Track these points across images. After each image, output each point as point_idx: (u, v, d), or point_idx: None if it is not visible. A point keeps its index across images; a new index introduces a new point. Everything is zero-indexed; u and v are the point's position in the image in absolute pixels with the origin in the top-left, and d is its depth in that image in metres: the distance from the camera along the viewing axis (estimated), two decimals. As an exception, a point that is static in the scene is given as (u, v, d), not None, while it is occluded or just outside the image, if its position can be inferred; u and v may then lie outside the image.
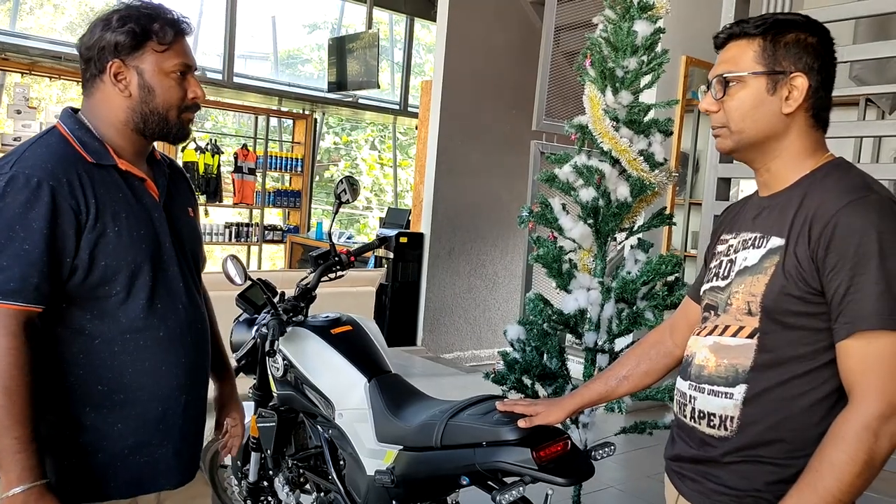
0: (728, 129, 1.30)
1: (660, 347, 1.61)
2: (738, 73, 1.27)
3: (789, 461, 1.22)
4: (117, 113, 1.43)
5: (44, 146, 1.38)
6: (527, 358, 2.69)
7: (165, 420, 1.46)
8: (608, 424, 3.31)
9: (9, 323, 1.27)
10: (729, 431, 1.27)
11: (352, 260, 2.54)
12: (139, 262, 1.40)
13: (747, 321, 1.26)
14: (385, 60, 9.79)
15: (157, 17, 1.42)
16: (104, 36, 1.40)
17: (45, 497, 1.29)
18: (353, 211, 13.57)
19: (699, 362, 1.34)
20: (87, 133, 1.42)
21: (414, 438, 1.91)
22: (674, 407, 1.44)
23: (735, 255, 1.33)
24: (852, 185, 1.22)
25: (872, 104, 5.17)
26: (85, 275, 1.35)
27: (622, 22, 2.63)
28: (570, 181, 2.71)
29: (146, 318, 1.42)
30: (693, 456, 1.35)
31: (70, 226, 1.32)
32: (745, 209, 1.41)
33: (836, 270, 1.16)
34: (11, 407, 1.26)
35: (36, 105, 7.21)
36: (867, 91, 4.76)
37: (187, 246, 1.54)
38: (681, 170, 5.56)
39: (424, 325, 6.68)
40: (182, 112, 1.47)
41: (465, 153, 6.73)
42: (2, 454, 1.26)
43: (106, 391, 1.40)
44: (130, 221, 1.40)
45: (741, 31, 1.29)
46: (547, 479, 1.65)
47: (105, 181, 1.39)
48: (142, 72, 1.41)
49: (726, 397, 1.28)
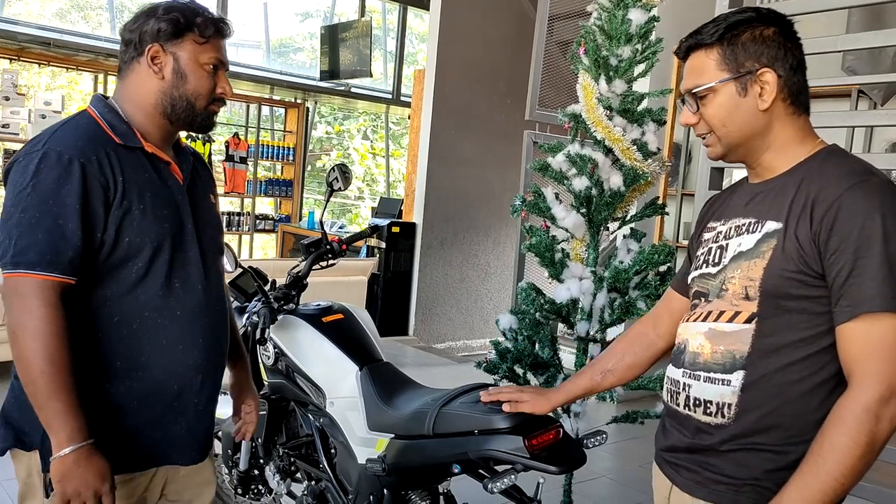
0: (714, 135, 1.32)
1: (643, 339, 1.60)
2: (707, 85, 1.29)
3: (787, 447, 1.22)
4: (148, 95, 1.49)
5: (74, 126, 1.44)
6: (519, 347, 2.69)
7: (181, 398, 1.50)
8: (600, 413, 3.31)
9: (47, 294, 1.32)
10: (726, 419, 1.26)
11: (343, 248, 2.53)
12: (161, 241, 1.45)
13: (745, 306, 1.25)
14: (378, 49, 9.74)
15: (201, 13, 1.50)
16: (148, 21, 1.47)
17: (93, 456, 1.34)
18: (346, 200, 13.54)
19: (693, 349, 1.33)
20: (115, 116, 1.48)
21: (406, 427, 1.91)
22: (664, 396, 1.42)
23: (726, 242, 1.33)
24: (853, 169, 1.22)
25: (865, 95, 5.18)
26: (111, 250, 1.40)
27: (616, 10, 2.62)
28: (563, 170, 2.70)
29: (164, 297, 1.46)
30: (688, 445, 1.33)
31: (100, 202, 1.37)
32: (733, 196, 1.41)
33: (838, 253, 1.16)
34: (56, 373, 1.31)
35: (24, 92, 7.14)
36: (859, 81, 4.77)
37: (208, 230, 1.59)
38: (673, 160, 5.57)
39: (416, 315, 6.68)
40: (209, 104, 1.53)
41: (457, 143, 6.72)
42: (50, 418, 1.32)
43: (124, 367, 1.44)
44: (155, 201, 1.45)
45: (698, 43, 1.31)
46: (538, 468, 1.65)
47: (131, 162, 1.44)
48: (178, 58, 1.48)
49: (723, 384, 1.27)
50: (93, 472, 1.34)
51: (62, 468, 1.32)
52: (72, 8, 10.73)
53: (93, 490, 1.34)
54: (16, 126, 6.86)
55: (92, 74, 7.72)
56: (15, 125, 6.85)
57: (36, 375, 1.30)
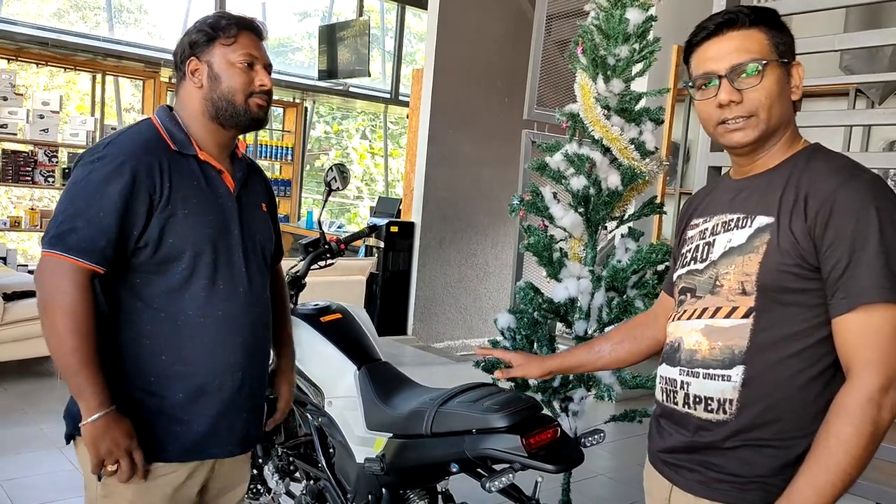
0: (757, 118, 1.27)
1: (645, 330, 1.62)
2: (768, 60, 1.26)
3: (788, 441, 1.23)
4: (195, 105, 1.60)
5: (135, 132, 1.57)
6: (517, 346, 2.69)
7: (222, 394, 1.60)
8: (598, 412, 3.32)
9: (78, 277, 1.44)
10: (728, 415, 1.26)
11: (342, 248, 2.53)
12: (202, 245, 1.55)
13: (741, 301, 1.25)
14: (376, 49, 9.74)
15: (226, 17, 1.61)
16: (183, 40, 1.61)
17: (120, 420, 1.48)
18: (344, 200, 13.53)
19: (690, 347, 1.32)
20: (175, 125, 1.60)
21: (404, 426, 1.91)
22: (658, 395, 1.41)
23: (713, 238, 1.33)
24: (843, 165, 1.24)
25: (862, 94, 5.18)
26: (154, 250, 1.51)
27: (614, 10, 2.62)
28: (560, 170, 2.70)
29: (207, 297, 1.56)
30: (688, 444, 1.32)
31: (143, 204, 1.49)
32: (715, 193, 1.41)
33: (833, 247, 1.17)
34: (85, 348, 1.44)
35: (22, 92, 7.13)
36: (857, 80, 4.77)
37: (257, 236, 1.68)
38: (671, 159, 5.57)
39: (415, 315, 6.68)
40: (248, 97, 1.60)
41: (456, 142, 6.71)
42: (81, 388, 1.45)
43: (168, 362, 1.55)
44: (200, 207, 1.56)
45: (741, 19, 1.27)
46: (536, 467, 1.65)
47: (182, 169, 1.56)
48: (211, 64, 1.59)
49: (723, 380, 1.26)
50: (121, 432, 1.47)
51: (94, 431, 1.45)
52: (70, 8, 10.71)
53: (124, 448, 1.47)
54: (13, 126, 6.85)
55: (90, 74, 7.71)
56: (13, 125, 6.85)
57: (69, 348, 1.43)
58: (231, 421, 1.63)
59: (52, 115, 7.00)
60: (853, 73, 4.75)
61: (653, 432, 1.44)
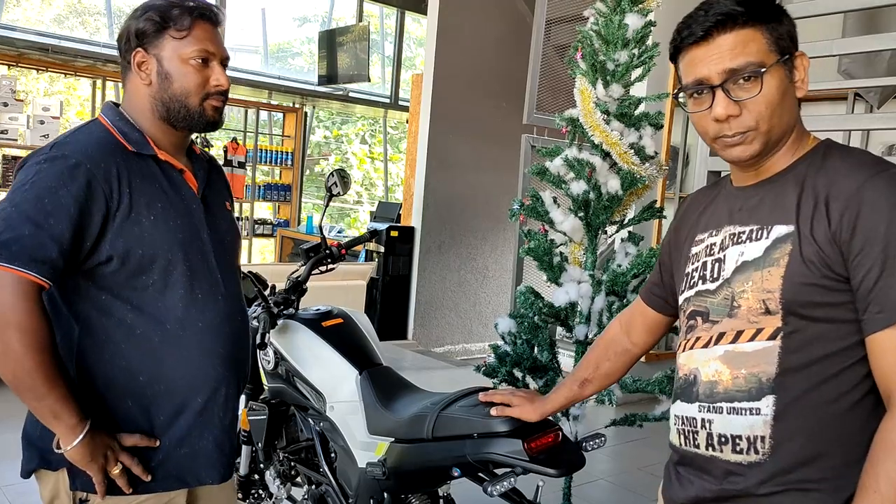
0: (756, 131, 1.11)
1: (616, 346, 1.52)
2: (767, 64, 1.09)
3: (836, 482, 1.06)
4: (143, 102, 1.44)
5: (85, 133, 1.40)
6: (517, 351, 2.69)
7: (205, 411, 1.46)
8: (599, 416, 3.32)
9: (25, 289, 1.26)
10: (761, 455, 1.08)
11: (342, 253, 2.53)
12: (174, 252, 1.40)
13: (766, 321, 1.09)
14: (376, 54, 9.76)
15: (176, 4, 1.41)
16: (129, 25, 1.42)
17: (97, 435, 1.34)
18: (344, 205, 13.55)
19: (709, 378, 1.15)
20: (127, 124, 1.43)
21: (405, 430, 1.91)
22: (673, 439, 1.23)
23: (723, 253, 1.17)
24: (862, 160, 1.09)
25: (861, 98, 5.20)
26: (121, 263, 1.35)
27: (613, 15, 2.63)
28: (560, 174, 2.71)
29: (185, 309, 1.42)
30: (717, 494, 1.14)
31: (98, 210, 1.33)
32: (717, 203, 1.25)
33: (864, 253, 1.02)
34: (51, 363, 1.29)
35: (23, 98, 7.14)
36: (856, 85, 4.78)
37: (226, 238, 1.54)
38: (671, 164, 5.58)
39: (415, 319, 6.68)
40: (204, 99, 1.44)
41: (455, 147, 6.72)
42: (55, 411, 1.30)
43: (147, 381, 1.40)
44: (167, 211, 1.41)
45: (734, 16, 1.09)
46: (538, 471, 1.65)
47: (143, 171, 1.40)
48: (161, 59, 1.41)
49: (752, 413, 1.09)
50: (108, 438, 1.36)
51: (84, 450, 1.32)
52: (70, 14, 10.73)
53: (118, 445, 1.36)
54: (14, 132, 6.86)
55: (90, 80, 7.73)
56: (13, 131, 6.86)
57: (32, 368, 1.26)
58: (219, 440, 1.50)
59: (52, 120, 7.01)
60: (852, 77, 4.77)
61: (671, 481, 1.26)
